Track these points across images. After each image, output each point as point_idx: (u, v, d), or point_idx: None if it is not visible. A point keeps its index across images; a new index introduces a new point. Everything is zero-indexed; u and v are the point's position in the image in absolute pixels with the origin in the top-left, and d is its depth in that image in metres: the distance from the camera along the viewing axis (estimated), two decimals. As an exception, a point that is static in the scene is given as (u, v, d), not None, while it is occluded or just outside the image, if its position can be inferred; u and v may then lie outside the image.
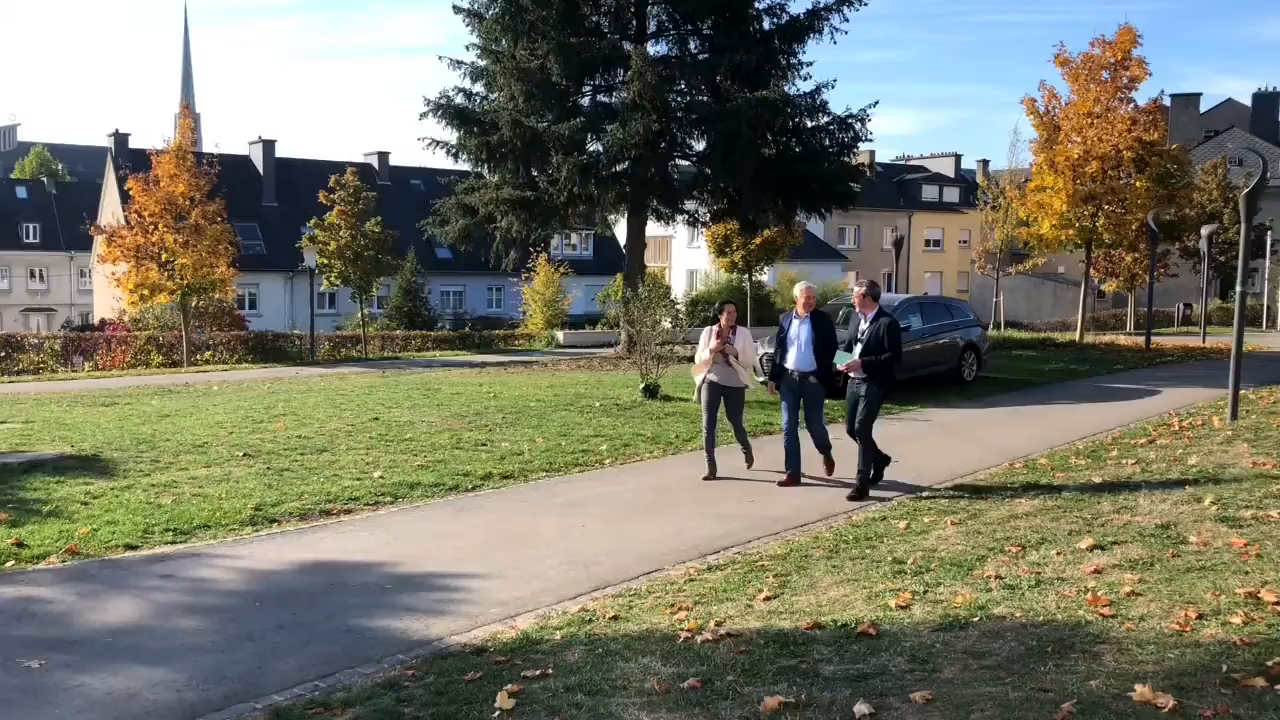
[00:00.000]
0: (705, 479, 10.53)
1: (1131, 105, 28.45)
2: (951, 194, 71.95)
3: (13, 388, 20.57)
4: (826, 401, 10.52)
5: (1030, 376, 20.98)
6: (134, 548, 7.97)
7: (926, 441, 13.20)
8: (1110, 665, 4.97)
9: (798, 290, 10.47)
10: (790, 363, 10.21)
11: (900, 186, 70.61)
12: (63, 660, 5.67)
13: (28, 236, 73.74)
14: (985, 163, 71.50)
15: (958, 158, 76.45)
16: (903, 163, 77.07)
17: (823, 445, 10.44)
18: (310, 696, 5.17)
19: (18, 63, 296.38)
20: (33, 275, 74.00)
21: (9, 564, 7.50)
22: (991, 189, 45.42)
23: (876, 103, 26.28)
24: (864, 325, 9.78)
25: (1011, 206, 37.30)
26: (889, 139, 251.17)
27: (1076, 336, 31.51)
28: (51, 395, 18.39)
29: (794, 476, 10.37)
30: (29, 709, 5.05)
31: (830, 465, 10.54)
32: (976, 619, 5.83)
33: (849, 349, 9.79)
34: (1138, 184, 28.07)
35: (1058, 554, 7.20)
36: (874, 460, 10.04)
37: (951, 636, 5.57)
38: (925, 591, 6.45)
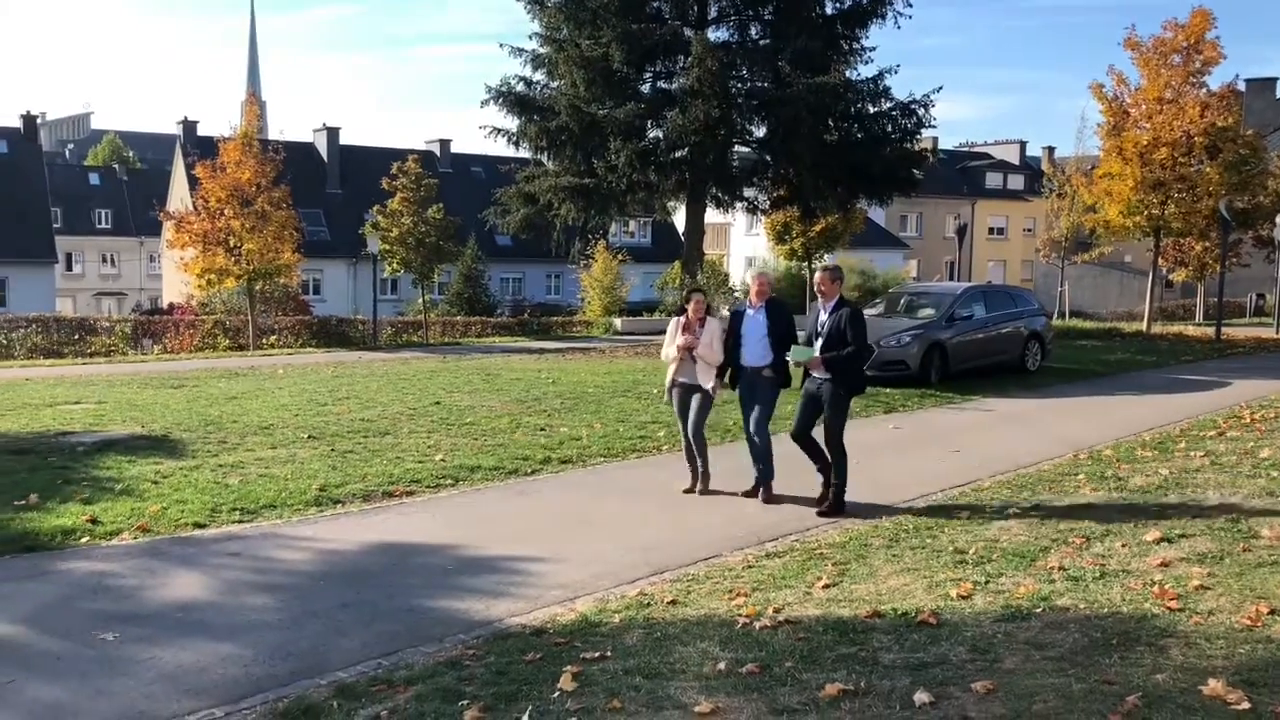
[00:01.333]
0: (686, 491, 9.43)
1: (1204, 90, 27.77)
2: (1016, 181, 70.83)
3: (85, 369, 21.11)
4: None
5: (1095, 367, 20.63)
6: (202, 526, 8.16)
7: (989, 431, 13.05)
8: (1178, 659, 4.89)
9: (750, 278, 9.46)
10: (744, 358, 9.13)
11: (964, 173, 69.64)
12: (135, 634, 5.82)
13: (100, 222, 75.44)
14: (1051, 150, 70.20)
15: (1022, 144, 75.19)
16: (966, 149, 75.97)
17: (762, 454, 9.13)
18: (374, 674, 5.26)
19: (92, 52, 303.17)
20: (104, 260, 75.73)
21: (84, 540, 7.72)
22: (1057, 176, 44.65)
23: (940, 88, 25.84)
24: (824, 316, 8.69)
25: (1078, 194, 36.63)
26: (952, 125, 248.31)
27: (1144, 327, 30.89)
28: (122, 377, 18.83)
29: (760, 487, 9.22)
30: (104, 680, 5.20)
31: (757, 486, 9.22)
32: (1039, 610, 5.77)
33: (809, 343, 8.74)
34: (1209, 171, 27.41)
35: (1123, 546, 7.09)
36: (837, 471, 8.76)
37: (1013, 627, 5.52)
38: (987, 582, 6.39)
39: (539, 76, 26.39)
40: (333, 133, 54.42)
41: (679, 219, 34.13)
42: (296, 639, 5.78)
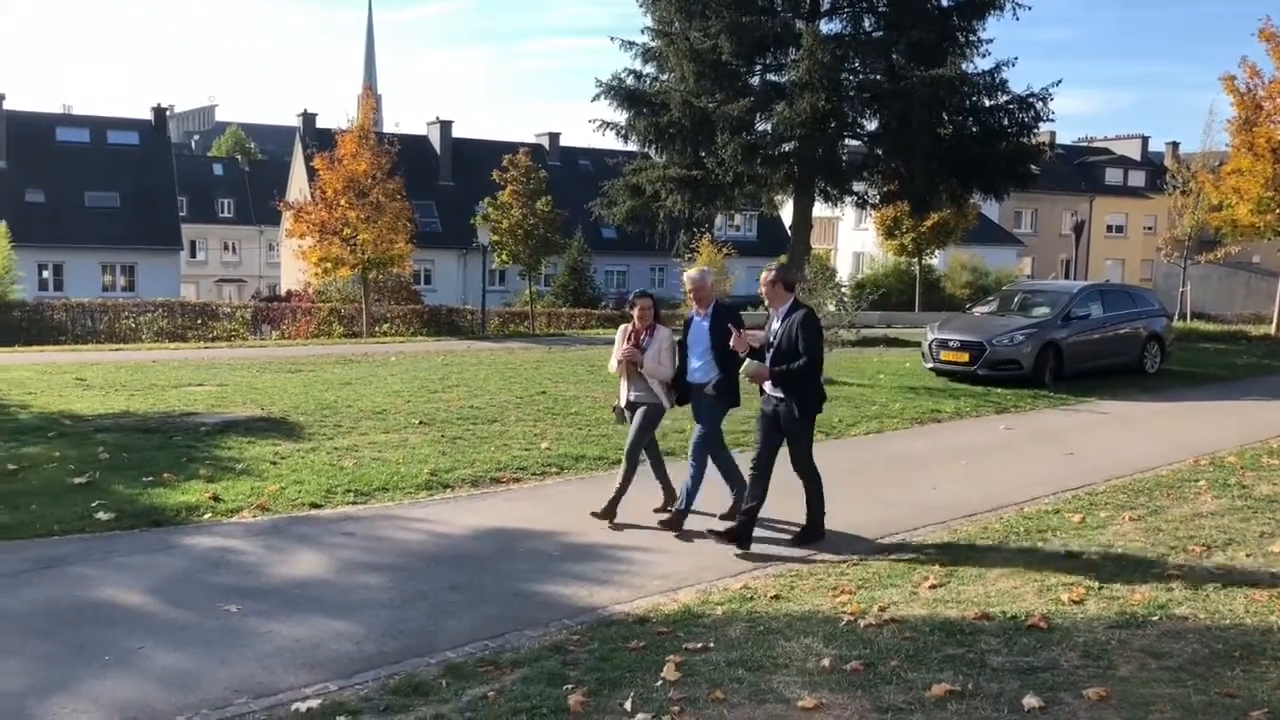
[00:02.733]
0: (657, 511, 8.26)
1: (1347, 81, 26.50)
2: (1137, 177, 68.51)
3: (208, 353, 21.91)
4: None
5: (1219, 370, 19.85)
6: (318, 506, 8.41)
7: (1104, 434, 12.68)
8: (1304, 674, 4.71)
9: (686, 279, 8.10)
10: (689, 372, 8.00)
11: (1082, 169, 67.64)
12: (255, 608, 6.04)
13: (223, 211, 78.12)
14: (1175, 145, 67.68)
15: (1144, 139, 72.64)
16: (1085, 144, 73.70)
17: (731, 476, 8.07)
18: (481, 654, 5.37)
19: (217, 47, 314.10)
20: (226, 247, 78.43)
21: (207, 516, 8.03)
22: (1182, 172, 43.03)
23: (1059, 81, 25.30)
24: (775, 324, 7.47)
25: (1203, 191, 35.24)
26: (1070, 119, 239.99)
27: (1272, 329, 29.59)
28: (243, 361, 19.50)
29: (677, 516, 7.95)
30: (226, 650, 5.42)
31: (736, 509, 7.88)
32: (1156, 618, 5.61)
33: (760, 356, 7.50)
34: (1349, 167, 26.12)
35: (1246, 556, 6.85)
36: (812, 497, 7.68)
37: (1128, 634, 5.38)
38: (1100, 587, 6.23)
39: (649, 70, 26.50)
40: (445, 126, 55.37)
41: (786, 213, 33.90)
42: (407, 618, 5.93)
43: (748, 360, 7.38)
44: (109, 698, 4.83)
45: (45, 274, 44.55)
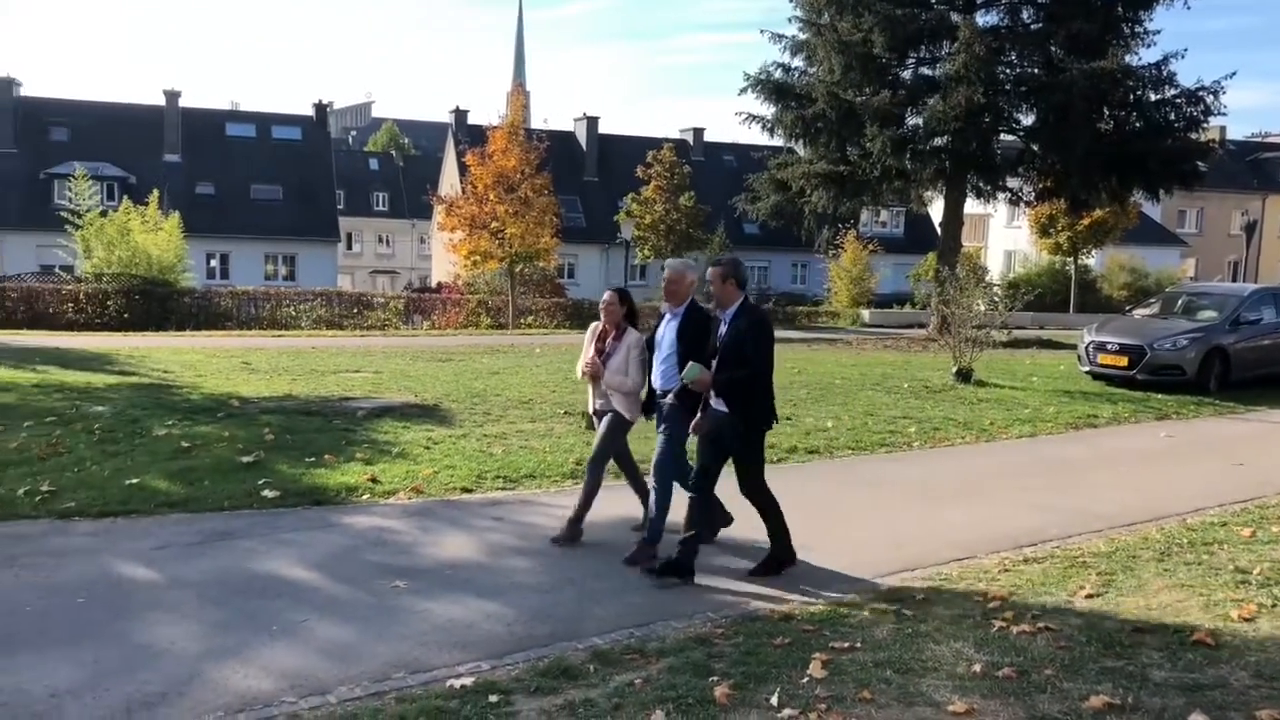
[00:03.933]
0: (635, 530, 7.43)
1: None
2: (1317, 174, 64.50)
3: (363, 341, 22.74)
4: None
5: (1406, 381, 18.56)
6: (469, 491, 8.65)
7: (1275, 443, 12.04)
8: None
9: (665, 268, 7.20)
10: (653, 377, 7.13)
11: (1254, 166, 64.04)
12: (411, 586, 6.25)
13: (377, 205, 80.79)
14: (1361, 140, 63.54)
15: (1327, 134, 68.39)
16: (1259, 140, 69.76)
17: (657, 504, 6.91)
18: (627, 642, 5.43)
19: (374, 45, 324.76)
20: (380, 240, 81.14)
21: (365, 497, 8.35)
22: (1367, 169, 40.39)
23: (1233, 73, 24.04)
24: (723, 326, 6.61)
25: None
26: (1243, 113, 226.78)
27: None
28: (396, 349, 20.16)
29: (643, 549, 6.90)
30: (384, 626, 5.63)
31: (701, 525, 6.73)
32: (1336, 640, 5.29)
33: (708, 365, 6.57)
34: None
35: None
36: (772, 524, 6.74)
37: (1305, 656, 5.09)
38: (1274, 605, 5.92)
39: (797, 63, 26.34)
40: (592, 122, 56.01)
41: (934, 209, 33.17)
42: (555, 603, 6.05)
43: (690, 364, 6.49)
44: (277, 666, 5.07)
45: (213, 263, 46.88)
